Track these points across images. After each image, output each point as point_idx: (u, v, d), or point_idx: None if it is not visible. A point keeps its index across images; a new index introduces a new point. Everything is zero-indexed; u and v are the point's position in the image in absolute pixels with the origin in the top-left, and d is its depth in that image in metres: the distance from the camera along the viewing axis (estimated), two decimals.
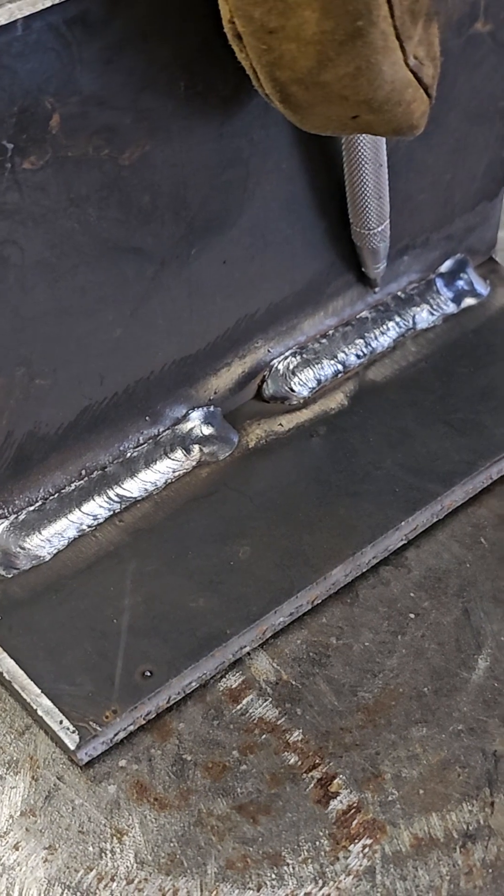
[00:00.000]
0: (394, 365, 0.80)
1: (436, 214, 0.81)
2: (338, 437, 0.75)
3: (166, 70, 0.59)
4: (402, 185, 0.76)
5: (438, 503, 0.71)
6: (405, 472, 0.73)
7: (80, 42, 0.55)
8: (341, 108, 0.53)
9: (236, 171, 0.66)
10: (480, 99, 0.77)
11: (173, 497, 0.72)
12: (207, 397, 0.74)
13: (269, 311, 0.75)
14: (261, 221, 0.70)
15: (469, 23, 0.72)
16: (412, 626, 0.67)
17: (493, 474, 0.74)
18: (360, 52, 0.50)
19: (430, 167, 0.77)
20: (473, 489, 0.73)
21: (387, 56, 0.51)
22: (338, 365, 0.79)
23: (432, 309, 0.83)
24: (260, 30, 0.50)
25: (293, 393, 0.77)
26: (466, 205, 0.82)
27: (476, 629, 0.66)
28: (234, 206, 0.68)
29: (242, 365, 0.76)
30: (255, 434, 0.75)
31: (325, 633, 0.67)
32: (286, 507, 0.71)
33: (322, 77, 0.51)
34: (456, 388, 0.78)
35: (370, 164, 0.69)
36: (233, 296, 0.72)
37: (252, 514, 0.71)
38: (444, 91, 0.73)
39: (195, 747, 0.61)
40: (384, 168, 0.70)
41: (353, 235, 0.74)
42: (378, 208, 0.72)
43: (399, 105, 0.53)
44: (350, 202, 0.72)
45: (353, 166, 0.69)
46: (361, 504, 0.71)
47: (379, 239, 0.74)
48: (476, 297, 0.84)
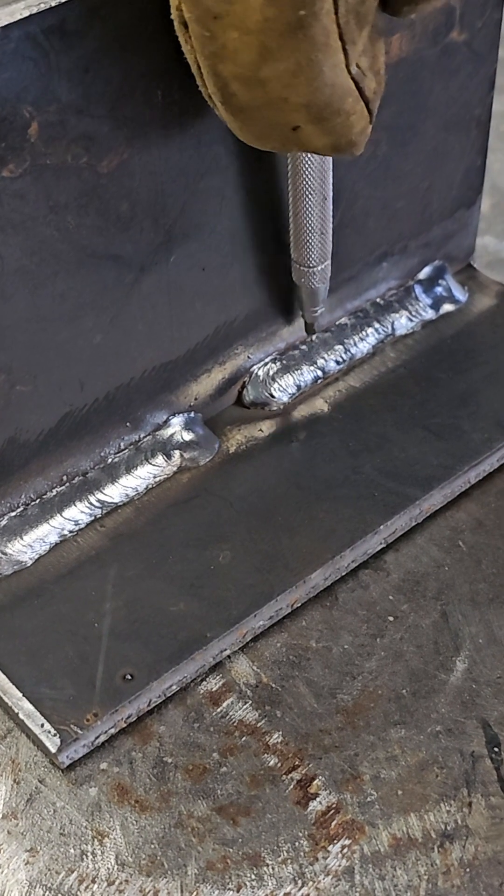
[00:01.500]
0: (373, 371, 0.80)
1: (414, 221, 0.81)
2: (317, 442, 0.75)
3: (144, 78, 0.60)
4: (379, 192, 0.77)
5: (417, 507, 0.71)
6: (384, 476, 0.73)
7: (58, 51, 0.55)
8: (281, 114, 0.53)
9: (214, 178, 0.67)
10: (456, 107, 0.78)
11: (154, 502, 0.72)
12: (188, 403, 0.75)
13: (248, 317, 0.75)
14: (240, 228, 0.70)
15: (445, 32, 0.73)
16: (391, 629, 0.67)
17: (472, 478, 0.74)
18: (300, 46, 0.50)
19: (408, 175, 0.78)
20: (452, 493, 0.73)
21: (328, 55, 0.51)
22: (317, 371, 0.79)
23: (411, 315, 0.83)
24: (205, 15, 0.50)
25: (273, 399, 0.77)
26: (444, 212, 0.83)
27: (454, 632, 0.67)
28: (213, 212, 0.68)
29: (222, 371, 0.76)
30: (235, 439, 0.76)
31: (305, 636, 0.67)
32: (266, 511, 0.71)
33: (262, 72, 0.51)
34: (435, 394, 0.78)
35: (315, 196, 0.68)
36: (212, 302, 0.72)
37: (232, 518, 0.71)
38: (421, 99, 0.74)
39: (176, 750, 0.62)
40: (329, 202, 0.69)
41: (292, 272, 0.73)
42: (320, 245, 0.71)
43: (338, 115, 0.53)
44: (293, 236, 0.71)
45: (297, 197, 0.68)
46: (341, 508, 0.71)
47: (319, 279, 0.73)
48: (454, 304, 0.85)
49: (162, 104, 0.61)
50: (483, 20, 0.75)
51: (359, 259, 0.80)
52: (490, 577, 0.70)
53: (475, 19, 0.74)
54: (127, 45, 0.58)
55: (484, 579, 0.70)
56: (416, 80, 0.74)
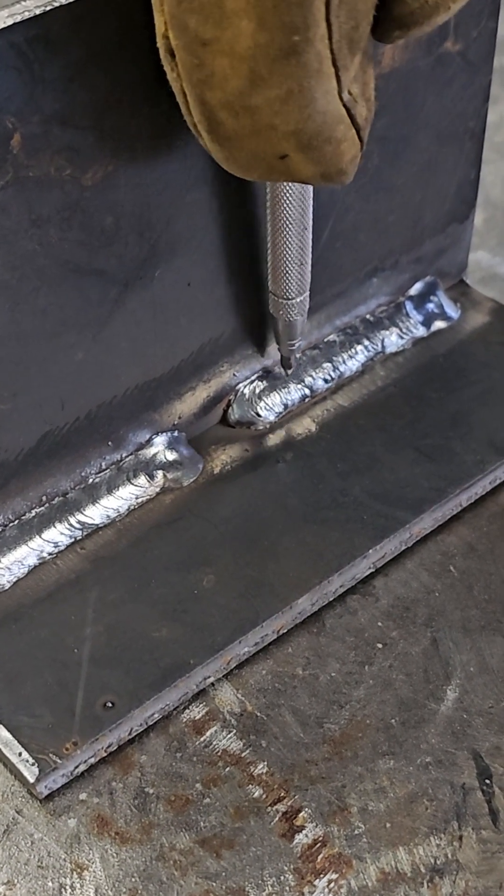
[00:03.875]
0: (362, 389, 0.80)
1: (405, 236, 0.82)
2: (304, 462, 0.76)
3: (130, 89, 0.60)
4: (370, 205, 0.77)
5: (407, 531, 0.72)
6: (373, 499, 0.73)
7: (42, 60, 0.56)
8: (269, 143, 0.53)
9: (202, 192, 0.67)
10: (450, 119, 0.78)
11: (136, 524, 0.72)
12: (171, 422, 0.75)
13: (234, 333, 0.75)
14: (227, 243, 0.71)
15: (439, 42, 0.74)
16: (379, 657, 0.67)
17: (463, 501, 0.74)
18: (292, 73, 0.50)
19: (400, 188, 0.79)
20: (443, 516, 0.73)
21: (320, 82, 0.51)
22: (305, 389, 0.79)
23: (402, 332, 0.83)
24: (194, 41, 0.50)
25: (259, 418, 0.78)
26: (436, 227, 0.84)
27: (444, 659, 0.67)
28: (200, 227, 0.69)
29: (207, 389, 0.76)
30: (220, 460, 0.76)
31: (291, 663, 0.67)
32: (251, 534, 0.72)
33: (252, 100, 0.51)
34: (426, 414, 0.78)
35: (295, 226, 0.68)
36: (198, 318, 0.72)
37: (217, 541, 0.71)
38: (414, 111, 0.75)
39: (157, 780, 0.62)
40: (308, 233, 0.69)
41: (269, 304, 0.73)
42: (299, 276, 0.70)
43: (329, 143, 0.53)
44: (270, 266, 0.71)
45: (275, 227, 0.68)
46: (328, 532, 0.71)
47: (297, 311, 0.72)
48: (446, 321, 0.85)
49: (148, 115, 0.62)
50: (478, 30, 0.76)
51: (348, 274, 0.80)
52: (482, 603, 0.70)
53: (470, 29, 0.75)
54: (113, 55, 0.58)
55: (475, 606, 0.70)
56: (409, 91, 0.74)
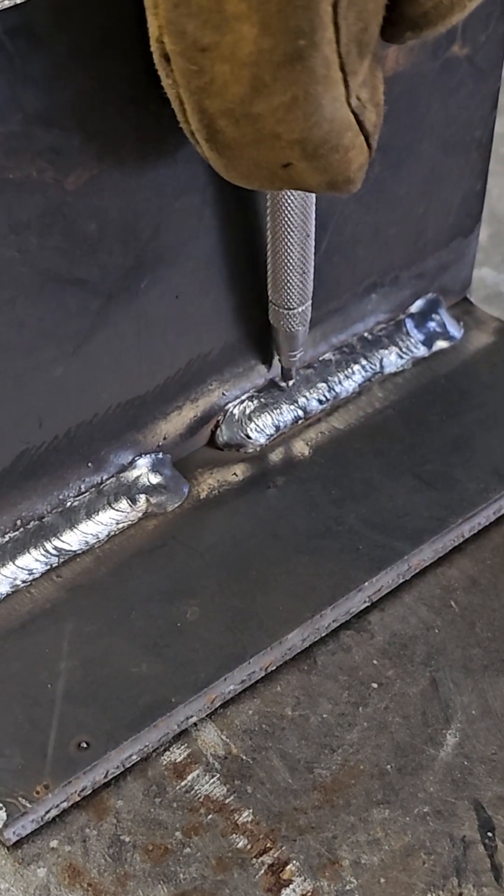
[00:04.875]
0: (359, 411, 0.79)
1: (407, 250, 0.80)
2: (297, 488, 0.74)
3: (117, 89, 0.58)
4: (370, 217, 0.75)
5: (405, 563, 0.69)
6: (369, 528, 0.71)
7: (24, 55, 0.53)
8: (272, 151, 0.51)
9: (191, 200, 0.65)
10: (456, 127, 0.76)
11: (116, 551, 0.70)
12: (156, 443, 0.73)
13: (224, 350, 0.73)
14: (217, 254, 0.69)
15: (446, 45, 0.72)
16: (375, 697, 0.65)
17: (465, 532, 0.72)
18: (298, 79, 0.48)
19: (402, 199, 0.76)
20: (444, 548, 0.71)
21: (328, 88, 0.49)
22: (298, 410, 0.77)
23: (401, 352, 0.81)
24: (192, 47, 0.48)
25: (249, 440, 0.76)
26: (440, 241, 0.82)
27: (444, 701, 0.65)
28: (189, 237, 0.67)
29: (195, 409, 0.74)
30: (207, 484, 0.74)
31: (280, 703, 0.65)
32: (239, 563, 0.69)
33: (254, 107, 0.49)
34: (426, 438, 0.76)
35: (297, 234, 0.66)
36: (185, 334, 0.70)
37: (202, 570, 0.69)
38: (418, 118, 0.73)
39: (134, 827, 0.60)
40: (311, 240, 0.67)
41: (269, 314, 0.72)
42: (301, 285, 0.69)
43: (336, 151, 0.51)
44: (271, 275, 0.69)
45: (276, 235, 0.66)
46: (321, 562, 0.69)
47: (299, 321, 0.71)
48: (449, 340, 0.83)
49: (136, 117, 0.60)
50: (487, 34, 0.73)
51: (346, 289, 0.78)
52: (485, 641, 0.68)
53: (478, 33, 0.73)
54: (100, 52, 0.56)
55: (478, 644, 0.68)
56: (414, 97, 0.72)
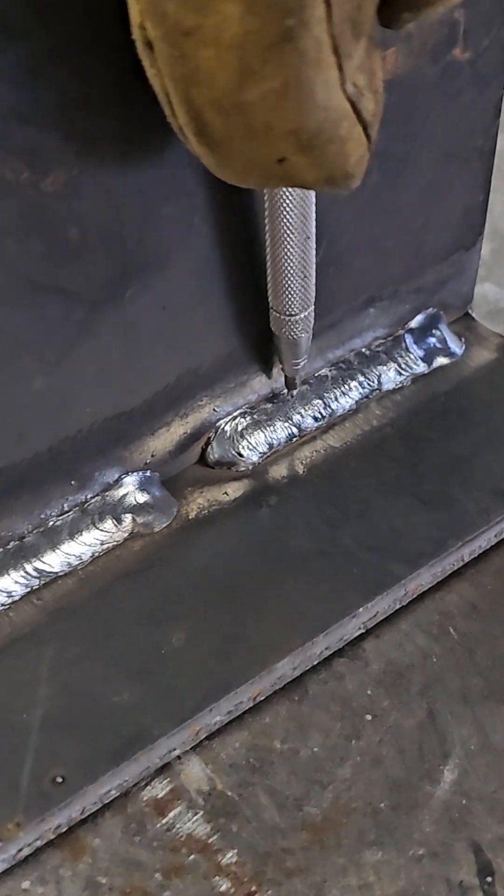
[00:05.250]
0: (355, 429, 0.77)
1: (405, 263, 0.78)
2: (290, 508, 0.72)
3: (99, 85, 0.55)
4: (367, 228, 0.73)
5: (402, 587, 0.67)
6: (365, 550, 0.69)
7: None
8: (266, 145, 0.49)
9: (180, 204, 0.62)
10: (457, 136, 0.74)
11: (100, 573, 0.68)
12: (143, 460, 0.71)
13: (215, 364, 0.71)
14: (208, 263, 0.66)
15: (446, 49, 0.69)
16: (368, 730, 0.62)
17: (465, 556, 0.70)
18: (288, 62, 0.46)
19: (400, 209, 0.74)
20: (442, 572, 0.69)
21: (320, 72, 0.46)
22: (292, 428, 0.76)
23: (400, 368, 0.80)
24: (174, 31, 0.46)
25: (241, 458, 0.74)
26: (440, 254, 0.79)
27: (442, 735, 0.62)
28: (177, 244, 0.64)
29: (184, 425, 0.72)
30: (196, 503, 0.72)
31: (268, 735, 0.62)
32: (229, 587, 0.67)
33: (243, 96, 0.47)
34: (425, 457, 0.75)
35: (296, 236, 0.64)
36: (174, 346, 0.68)
37: (189, 594, 0.67)
38: (417, 125, 0.70)
39: (112, 868, 0.57)
40: (311, 242, 0.65)
41: (271, 321, 0.69)
42: (302, 290, 0.67)
43: (332, 142, 0.49)
44: (270, 280, 0.67)
45: (275, 237, 0.64)
46: (314, 586, 0.67)
47: (301, 328, 0.69)
48: (449, 357, 0.81)
49: (120, 115, 0.57)
50: (490, 38, 0.71)
51: (342, 303, 0.76)
52: (485, 670, 0.65)
53: (481, 37, 0.70)
54: (82, 46, 0.53)
55: (478, 673, 0.65)
56: (412, 103, 0.70)
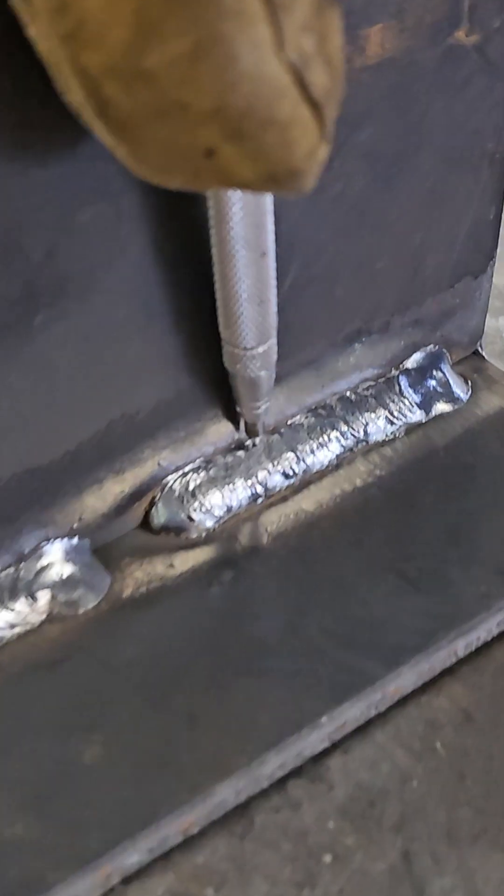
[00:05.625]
0: (334, 489, 0.68)
1: (399, 290, 0.68)
2: (248, 587, 0.62)
3: None
4: (351, 246, 0.63)
5: (378, 690, 0.57)
6: (336, 642, 0.59)
7: None
8: (185, 131, 0.38)
9: (101, 210, 0.52)
10: (462, 136, 0.64)
11: (6, 665, 0.58)
12: (69, 525, 0.61)
13: (158, 409, 0.61)
14: (144, 284, 0.56)
15: (448, 29, 0.59)
16: (327, 875, 0.51)
17: (460, 650, 0.60)
18: (200, 14, 0.35)
19: (392, 224, 0.64)
20: (430, 671, 0.59)
21: (244, 29, 0.36)
22: (257, 487, 0.67)
23: (392, 416, 0.71)
24: None
25: (192, 523, 0.65)
26: (442, 280, 0.70)
27: (419, 884, 0.51)
28: (101, 260, 0.53)
29: (121, 482, 0.62)
30: (133, 578, 0.63)
31: (201, 879, 0.51)
32: (162, 687, 0.57)
33: (145, 61, 0.36)
34: (416, 526, 0.66)
35: (248, 251, 0.53)
36: (102, 386, 0.58)
37: (114, 694, 0.57)
38: (412, 120, 0.61)
39: None
40: (270, 260, 0.54)
41: (224, 356, 0.59)
42: (259, 319, 0.57)
43: (269, 127, 0.38)
44: (221, 307, 0.57)
45: (223, 253, 0.53)
46: (269, 688, 0.57)
47: (259, 364, 0.59)
48: (452, 403, 0.73)
49: (19, 97, 0.46)
50: (501, 19, 0.60)
51: (321, 337, 0.66)
52: (476, 799, 0.54)
53: (490, 16, 0.60)
54: None
55: (468, 803, 0.54)
56: (406, 93, 0.59)
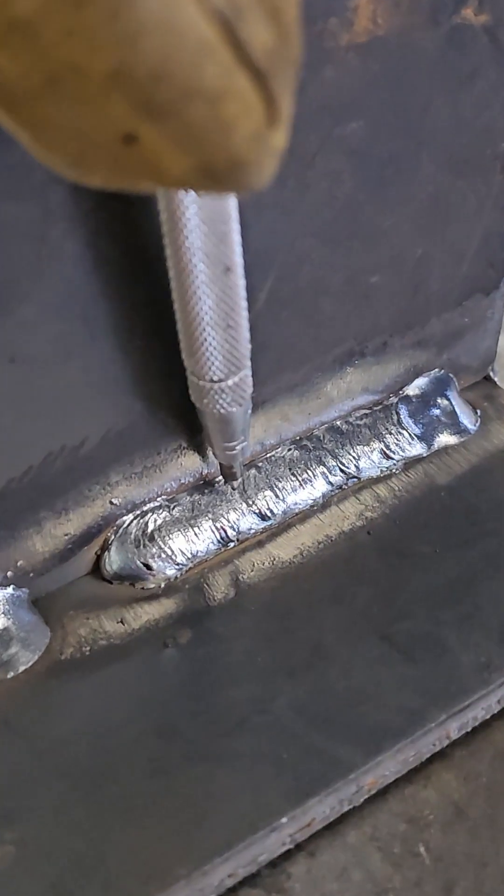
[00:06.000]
0: (318, 534, 0.60)
1: (398, 308, 0.62)
2: (209, 650, 0.55)
3: None
4: (340, 257, 0.56)
5: (353, 782, 0.49)
6: (307, 721, 0.51)
7: None
8: (88, 105, 0.30)
9: (23, 210, 0.44)
10: (470, 135, 0.56)
11: None
12: (2, 573, 0.54)
13: (108, 440, 0.54)
14: (81, 296, 0.48)
15: (452, 6, 0.51)
16: None
17: (453, 732, 0.52)
18: None
19: (388, 233, 0.57)
20: (417, 757, 0.51)
21: None
22: (227, 530, 0.59)
23: (388, 450, 0.64)
24: None
25: (150, 571, 0.57)
26: (449, 297, 0.64)
27: None
28: (25, 264, 0.46)
29: (64, 524, 0.56)
30: (76, 635, 0.56)
31: None
32: (98, 772, 0.49)
33: (17, 5, 0.27)
34: (409, 580, 0.58)
35: (209, 267, 0.45)
36: (36, 415, 0.50)
37: (38, 780, 0.50)
38: (411, 115, 0.53)
39: None
40: (235, 276, 0.46)
41: (190, 389, 0.51)
42: (226, 346, 0.49)
43: (193, 97, 0.29)
44: (182, 333, 0.49)
45: (180, 268, 0.46)
46: (225, 775, 0.49)
47: (230, 399, 0.51)
48: (458, 435, 0.66)
49: None
50: None
51: (306, 358, 0.60)
52: None
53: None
54: None
55: None
56: (402, 81, 0.51)
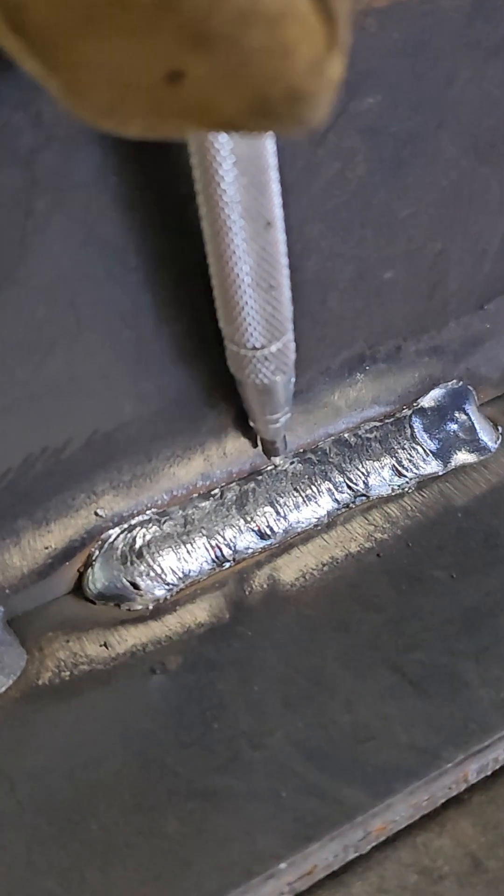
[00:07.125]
0: (322, 555, 0.58)
1: (413, 308, 0.60)
2: (199, 678, 0.52)
3: None
4: (350, 248, 0.54)
5: (360, 827, 0.46)
6: (307, 758, 0.48)
7: None
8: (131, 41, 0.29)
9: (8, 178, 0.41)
10: (498, 115, 0.54)
11: None
12: None
13: (93, 443, 0.52)
14: (70, 275, 0.45)
15: None
16: None
17: (471, 774, 0.49)
18: None
19: (404, 224, 0.55)
20: (431, 802, 0.48)
21: None
22: (223, 548, 0.57)
23: (400, 466, 0.61)
24: None
25: (137, 591, 0.54)
26: (470, 299, 0.61)
27: None
28: (5, 242, 0.43)
29: (44, 536, 0.53)
30: (55, 658, 0.53)
31: None
32: (75, 809, 0.46)
33: None
34: (423, 607, 0.55)
35: (246, 223, 0.43)
36: (15, 413, 0.47)
37: (8, 814, 0.47)
38: (432, 93, 0.51)
39: None
40: (276, 231, 0.44)
41: (227, 358, 0.50)
42: (269, 309, 0.48)
43: (252, 20, 0.28)
44: (218, 296, 0.47)
45: (216, 227, 0.43)
46: (216, 816, 0.46)
47: (273, 367, 0.50)
48: (476, 453, 0.63)
49: None
50: None
51: (310, 362, 0.57)
52: None
53: None
54: None
55: None
56: (424, 52, 0.49)
